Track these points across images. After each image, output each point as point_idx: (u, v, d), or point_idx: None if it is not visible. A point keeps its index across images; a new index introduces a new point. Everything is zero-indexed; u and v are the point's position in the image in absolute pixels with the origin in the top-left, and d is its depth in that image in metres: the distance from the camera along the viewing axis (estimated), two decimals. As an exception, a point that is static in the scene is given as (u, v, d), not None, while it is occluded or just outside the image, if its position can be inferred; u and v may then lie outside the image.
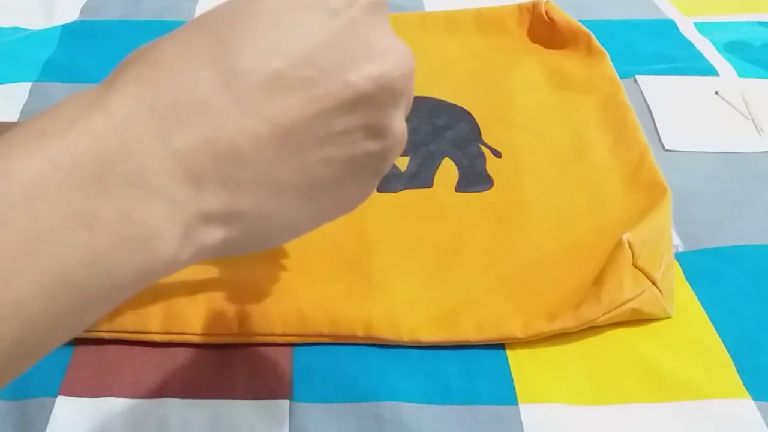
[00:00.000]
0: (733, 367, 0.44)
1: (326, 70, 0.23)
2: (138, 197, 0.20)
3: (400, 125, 0.26)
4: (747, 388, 0.43)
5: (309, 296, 0.46)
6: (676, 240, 0.53)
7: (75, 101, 0.21)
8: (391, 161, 0.27)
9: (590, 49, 0.67)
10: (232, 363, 0.44)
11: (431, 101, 0.64)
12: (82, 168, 0.20)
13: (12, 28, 0.79)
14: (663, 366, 0.44)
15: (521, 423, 0.41)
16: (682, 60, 0.73)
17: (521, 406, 0.42)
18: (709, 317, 0.47)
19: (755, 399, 0.42)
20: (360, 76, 0.23)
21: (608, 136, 0.59)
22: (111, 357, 0.44)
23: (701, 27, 0.79)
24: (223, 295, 0.46)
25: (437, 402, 0.42)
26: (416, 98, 0.50)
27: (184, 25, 0.24)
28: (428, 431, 0.41)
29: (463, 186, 0.56)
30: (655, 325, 0.46)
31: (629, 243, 0.44)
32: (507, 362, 0.44)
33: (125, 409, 0.42)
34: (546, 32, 0.71)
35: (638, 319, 0.46)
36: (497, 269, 0.49)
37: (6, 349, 0.19)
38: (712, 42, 0.76)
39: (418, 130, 0.60)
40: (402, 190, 0.55)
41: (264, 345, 0.45)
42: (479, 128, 0.61)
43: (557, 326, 0.44)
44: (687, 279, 0.50)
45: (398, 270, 0.49)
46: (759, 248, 0.52)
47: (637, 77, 0.70)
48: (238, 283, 0.47)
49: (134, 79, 0.21)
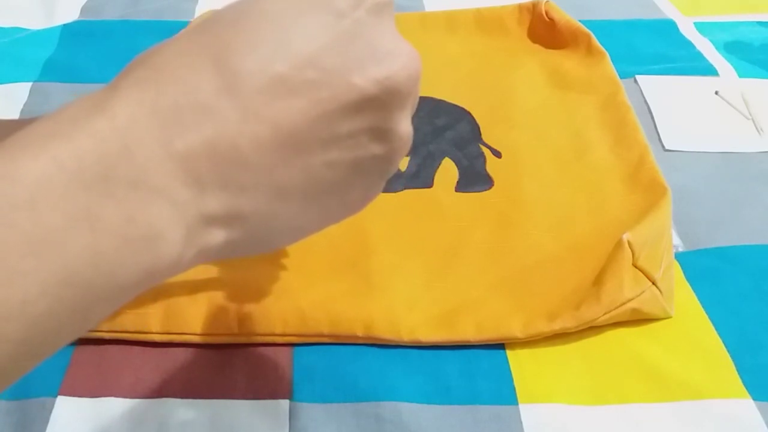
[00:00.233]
0: (733, 367, 0.44)
1: (330, 73, 0.23)
2: (141, 198, 0.20)
3: (406, 128, 0.26)
4: (747, 388, 0.43)
5: (309, 296, 0.46)
6: (676, 240, 0.53)
7: (79, 104, 0.21)
8: (397, 163, 0.27)
9: (590, 49, 0.67)
10: (232, 363, 0.44)
11: (431, 101, 0.64)
12: (86, 169, 0.20)
13: (12, 28, 0.79)
14: (663, 366, 0.44)
15: (521, 423, 0.41)
16: (682, 60, 0.73)
17: (521, 406, 0.42)
18: (709, 317, 0.47)
19: (755, 399, 0.42)
20: (365, 79, 0.23)
21: (608, 136, 0.59)
22: (111, 357, 0.44)
23: (701, 27, 0.79)
24: (223, 295, 0.46)
25: (437, 402, 0.42)
26: (416, 98, 0.49)
27: (189, 28, 0.24)
28: (428, 431, 0.41)
29: (463, 186, 0.56)
30: (655, 325, 0.46)
31: (629, 243, 0.44)
32: (507, 362, 0.44)
33: (125, 409, 0.42)
34: (546, 32, 0.71)
35: (638, 319, 0.46)
36: (497, 269, 0.49)
37: (10, 350, 0.19)
38: (712, 42, 0.76)
39: (418, 130, 0.60)
40: (402, 190, 0.55)
41: (264, 345, 0.45)
42: (479, 128, 0.61)
43: (557, 326, 0.44)
44: (687, 279, 0.50)
45: (398, 270, 0.49)
46: (759, 248, 0.52)
47: (637, 77, 0.70)
48: (238, 283, 0.47)
49: (137, 83, 0.21)
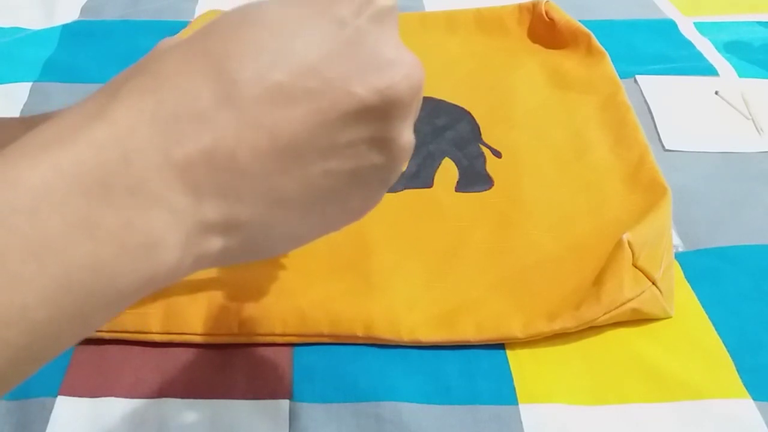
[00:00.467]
0: (733, 367, 0.44)
1: (330, 82, 0.22)
2: (140, 206, 0.20)
3: (408, 138, 0.25)
4: (747, 388, 0.43)
5: (309, 296, 0.46)
6: (676, 240, 0.53)
7: (79, 111, 0.21)
8: (398, 173, 0.26)
9: (590, 49, 0.67)
10: (232, 363, 0.44)
11: (431, 101, 0.64)
12: (86, 177, 0.20)
13: (12, 28, 0.79)
14: (663, 366, 0.44)
15: (521, 423, 0.41)
16: (682, 60, 0.73)
17: (521, 406, 0.42)
18: (709, 317, 0.47)
19: (755, 399, 0.42)
20: (365, 88, 0.23)
21: (608, 136, 0.59)
22: (111, 357, 0.44)
23: (701, 27, 0.79)
24: (223, 295, 0.46)
25: (437, 402, 0.42)
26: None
27: (189, 35, 0.23)
28: (428, 431, 0.41)
29: (463, 186, 0.56)
30: (655, 325, 0.46)
31: (629, 243, 0.44)
32: (507, 362, 0.44)
33: (125, 409, 0.42)
34: (546, 32, 0.71)
35: (638, 319, 0.46)
36: (497, 269, 0.49)
37: (11, 355, 0.19)
38: (712, 42, 0.76)
39: (418, 130, 0.60)
40: (402, 190, 0.55)
41: (264, 345, 0.45)
42: (479, 128, 0.61)
43: (557, 326, 0.44)
44: (687, 279, 0.50)
45: (398, 270, 0.49)
46: (759, 248, 0.52)
47: (637, 77, 0.70)
48: (238, 283, 0.47)
49: (136, 90, 0.21)
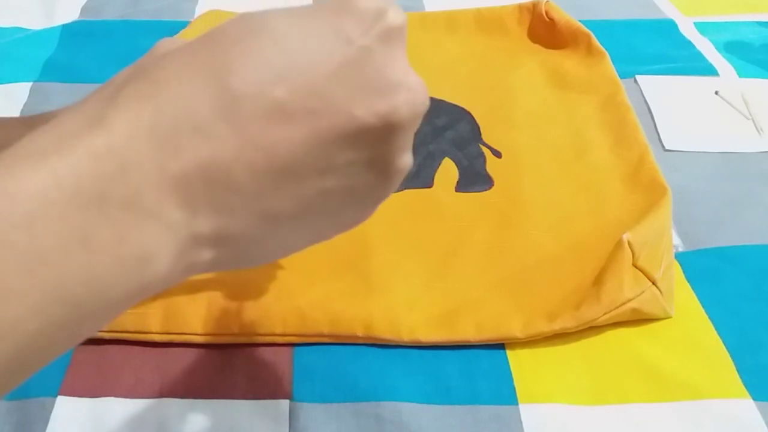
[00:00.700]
0: (733, 367, 0.44)
1: (332, 102, 0.22)
2: (134, 219, 0.20)
3: (405, 159, 0.25)
4: (747, 388, 0.43)
5: (309, 296, 0.46)
6: (676, 240, 0.53)
7: (78, 115, 0.21)
8: (392, 190, 0.26)
9: (590, 49, 0.67)
10: (232, 363, 0.44)
11: (431, 101, 0.63)
12: (84, 189, 0.20)
13: (12, 28, 0.79)
14: (663, 366, 0.44)
15: (521, 423, 0.41)
16: (682, 60, 0.73)
17: (521, 406, 0.42)
18: (709, 317, 0.47)
19: (755, 399, 0.42)
20: (366, 111, 0.22)
21: (608, 136, 0.59)
22: (111, 357, 0.44)
23: (701, 27, 0.79)
24: (223, 295, 0.46)
25: (437, 402, 0.42)
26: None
27: (192, 40, 0.23)
28: (428, 431, 0.41)
29: (463, 186, 0.56)
30: (655, 325, 0.46)
31: (629, 243, 0.44)
32: (507, 362, 0.44)
33: (125, 409, 0.42)
34: (546, 32, 0.71)
35: (638, 319, 0.46)
36: (497, 269, 0.49)
37: (1, 366, 0.19)
38: (712, 42, 0.76)
39: (418, 130, 0.60)
40: (402, 190, 0.55)
41: (264, 345, 0.45)
42: (479, 128, 0.61)
43: (557, 326, 0.44)
44: (687, 279, 0.50)
45: (398, 270, 0.49)
46: (759, 248, 0.52)
47: (637, 77, 0.70)
48: (238, 283, 0.47)
49: (135, 97, 0.21)
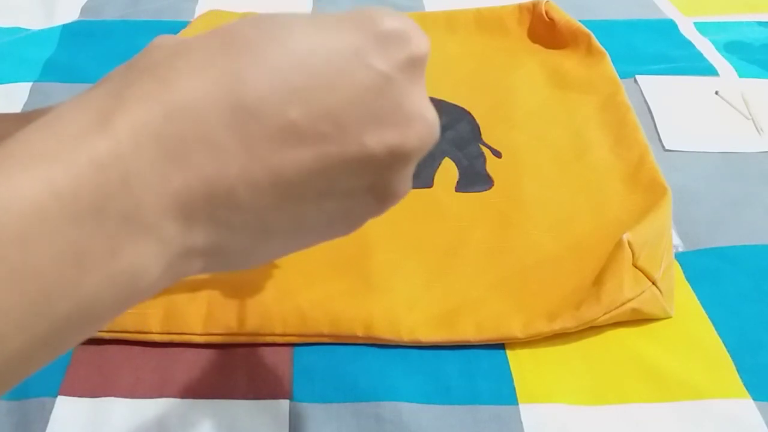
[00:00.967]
0: (733, 367, 0.44)
1: (344, 129, 0.21)
2: (130, 234, 0.20)
3: (406, 186, 0.25)
4: (747, 388, 0.43)
5: (309, 296, 0.46)
6: (676, 240, 0.53)
7: (80, 114, 0.20)
8: (387, 209, 0.26)
9: (590, 49, 0.67)
10: (232, 363, 0.44)
11: (431, 101, 0.63)
12: (82, 200, 0.19)
13: (12, 28, 0.79)
14: (663, 366, 0.44)
15: (521, 423, 0.41)
16: (682, 60, 0.73)
17: (521, 406, 0.42)
18: (709, 317, 0.47)
19: (755, 399, 0.42)
20: (377, 141, 0.22)
21: (608, 136, 0.59)
22: (111, 357, 0.44)
23: (701, 27, 0.79)
24: (223, 295, 0.46)
25: (437, 402, 0.42)
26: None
27: (206, 37, 0.22)
28: (428, 431, 0.41)
29: (463, 186, 0.56)
30: (655, 325, 0.46)
31: (629, 243, 0.44)
32: (507, 362, 0.44)
33: (125, 409, 0.42)
34: (546, 32, 0.71)
35: (638, 319, 0.46)
36: (497, 269, 0.49)
37: None
38: (712, 42, 0.76)
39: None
40: (402, 190, 0.55)
41: (264, 345, 0.45)
42: (479, 128, 0.61)
43: (557, 326, 0.44)
44: (687, 279, 0.50)
45: (398, 270, 0.49)
46: (759, 248, 0.52)
47: (637, 77, 0.70)
48: (238, 283, 0.47)
49: (144, 98, 0.20)
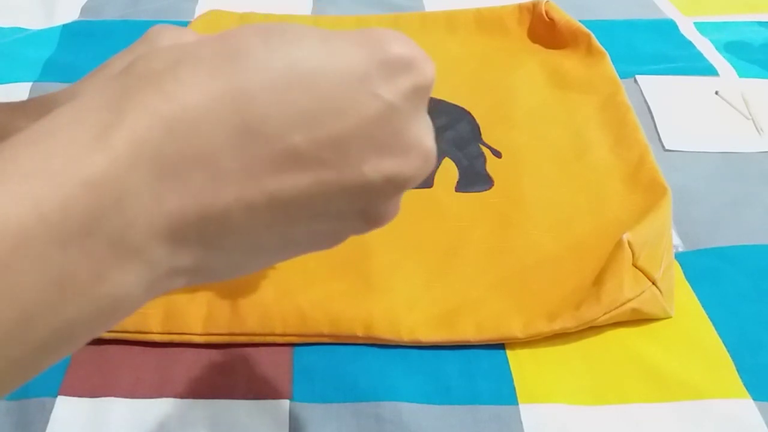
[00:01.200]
0: (733, 367, 0.44)
1: (345, 156, 0.21)
2: (118, 258, 0.19)
3: (395, 210, 0.25)
4: (747, 388, 0.43)
5: (309, 296, 0.46)
6: (676, 240, 0.53)
7: (75, 129, 0.19)
8: (373, 230, 0.25)
9: (590, 49, 0.67)
10: (232, 363, 0.44)
11: (431, 101, 0.63)
12: (70, 223, 0.18)
13: (12, 28, 0.79)
14: (663, 366, 0.44)
15: (521, 423, 0.41)
16: (682, 60, 0.73)
17: (521, 406, 0.42)
18: (709, 317, 0.47)
19: (755, 399, 0.42)
20: (375, 170, 0.22)
21: (608, 136, 0.59)
22: (111, 357, 0.44)
23: (701, 27, 0.79)
24: (223, 295, 0.46)
25: (437, 402, 0.42)
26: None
27: (212, 45, 0.21)
28: (428, 431, 0.41)
29: (463, 186, 0.56)
30: (655, 325, 0.46)
31: (629, 243, 0.44)
32: (507, 362, 0.44)
33: (125, 409, 0.42)
34: (546, 32, 0.71)
35: (638, 319, 0.46)
36: (497, 269, 0.49)
37: None
38: (712, 42, 0.76)
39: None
40: (402, 190, 0.55)
41: (264, 345, 0.45)
42: (479, 128, 0.61)
43: (557, 326, 0.44)
44: (687, 279, 0.50)
45: (398, 270, 0.49)
46: (759, 248, 0.52)
47: (637, 77, 0.70)
48: (238, 283, 0.47)
49: (146, 113, 0.19)
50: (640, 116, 0.61)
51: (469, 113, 0.63)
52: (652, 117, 0.65)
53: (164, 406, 0.42)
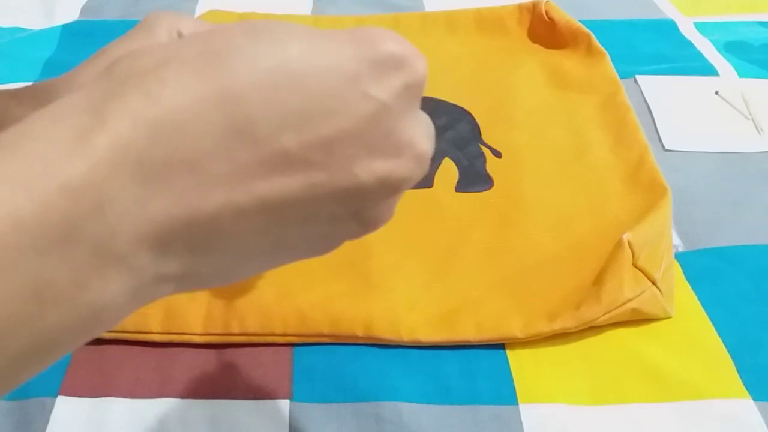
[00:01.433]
0: (733, 367, 0.44)
1: (336, 157, 0.21)
2: (99, 265, 0.18)
3: (390, 213, 0.24)
4: (747, 388, 0.43)
5: (309, 296, 0.46)
6: (676, 240, 0.53)
7: (55, 132, 0.18)
8: (368, 234, 0.25)
9: (590, 49, 0.67)
10: (232, 363, 0.44)
11: (431, 101, 0.64)
12: (48, 231, 0.17)
13: (12, 28, 0.79)
14: (663, 366, 0.44)
15: (521, 423, 0.41)
16: (682, 60, 0.73)
17: (521, 406, 0.42)
18: (709, 317, 0.47)
19: (755, 399, 0.42)
20: (367, 171, 0.21)
21: (608, 136, 0.59)
22: (111, 357, 0.44)
23: (701, 27, 0.79)
24: (224, 296, 0.46)
25: (437, 402, 0.42)
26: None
27: (198, 44, 0.20)
28: (428, 431, 0.41)
29: (463, 186, 0.56)
30: (655, 325, 0.46)
31: (629, 243, 0.44)
32: (507, 362, 0.44)
33: (125, 409, 0.42)
34: (546, 32, 0.71)
35: (638, 319, 0.46)
36: (497, 269, 0.49)
37: None
38: (712, 42, 0.76)
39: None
40: (402, 190, 0.55)
41: (264, 345, 0.45)
42: (479, 128, 0.61)
43: (557, 326, 0.44)
44: (687, 279, 0.50)
45: (398, 270, 0.49)
46: (759, 248, 0.52)
47: (637, 77, 0.70)
48: (238, 284, 0.47)
49: (128, 116, 0.18)
50: (640, 116, 0.61)
51: (469, 113, 0.63)
52: (652, 117, 0.65)
53: (164, 406, 0.42)
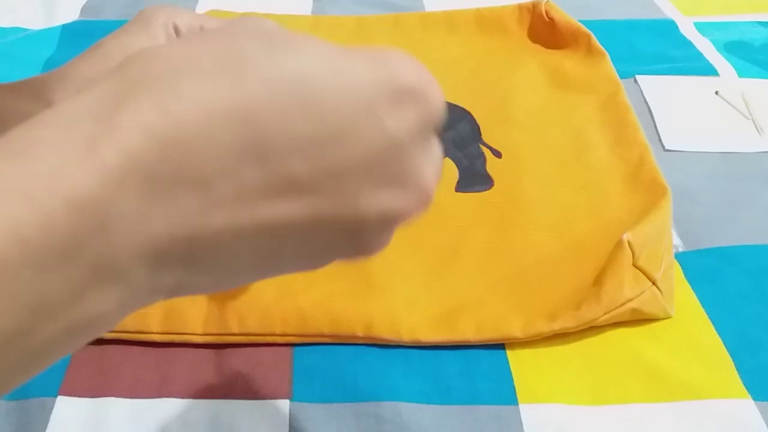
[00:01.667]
0: (733, 367, 0.44)
1: (341, 188, 0.20)
2: (98, 282, 0.18)
3: (387, 241, 0.24)
4: (747, 388, 0.43)
5: (309, 296, 0.46)
6: (676, 240, 0.53)
7: (62, 141, 0.17)
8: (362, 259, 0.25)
9: (590, 49, 0.67)
10: (232, 363, 0.44)
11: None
12: (50, 247, 0.16)
13: (12, 28, 0.79)
14: (663, 366, 0.44)
15: (521, 423, 0.41)
16: (682, 60, 0.73)
17: (521, 406, 0.42)
18: (709, 317, 0.47)
19: (755, 399, 0.42)
20: (369, 203, 0.21)
21: (608, 136, 0.59)
22: (111, 357, 0.44)
23: (701, 27, 0.79)
24: (223, 295, 0.46)
25: (437, 402, 0.42)
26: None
27: (214, 52, 0.19)
28: (428, 431, 0.41)
29: (463, 186, 0.56)
30: (655, 325, 0.46)
31: (629, 243, 0.44)
32: (507, 362, 0.44)
33: (125, 409, 0.42)
34: (546, 32, 0.71)
35: (638, 319, 0.46)
36: (497, 269, 0.49)
37: None
38: (712, 42, 0.76)
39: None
40: (402, 190, 0.55)
41: (264, 345, 0.45)
42: (479, 128, 0.61)
43: (557, 326, 0.44)
44: (687, 279, 0.50)
45: (398, 270, 0.49)
46: (759, 248, 0.52)
47: (637, 77, 0.70)
48: (238, 283, 0.47)
49: (140, 127, 0.18)
50: (640, 116, 0.61)
51: (469, 113, 0.63)
52: (652, 117, 0.65)
53: (164, 406, 0.42)
